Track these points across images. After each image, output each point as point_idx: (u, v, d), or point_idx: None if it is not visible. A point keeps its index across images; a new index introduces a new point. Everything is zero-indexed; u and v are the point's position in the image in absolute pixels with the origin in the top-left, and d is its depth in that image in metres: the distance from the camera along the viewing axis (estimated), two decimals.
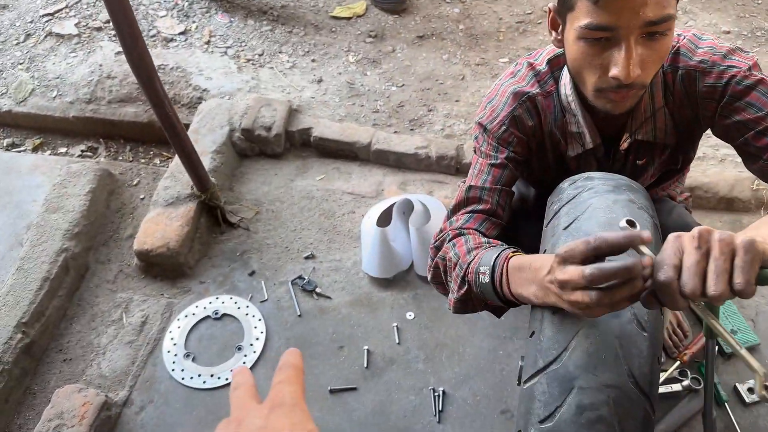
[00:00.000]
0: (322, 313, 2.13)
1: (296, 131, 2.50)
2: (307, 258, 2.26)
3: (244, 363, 2.02)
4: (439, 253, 1.33)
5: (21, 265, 2.17)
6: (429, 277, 1.41)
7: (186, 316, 2.13)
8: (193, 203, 2.26)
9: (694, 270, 0.79)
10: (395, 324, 2.08)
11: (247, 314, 2.13)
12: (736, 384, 1.91)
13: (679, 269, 0.81)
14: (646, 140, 1.34)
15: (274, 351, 2.05)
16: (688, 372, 1.94)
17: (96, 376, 2.02)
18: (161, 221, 2.23)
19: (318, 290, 2.17)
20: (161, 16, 2.97)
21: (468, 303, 1.24)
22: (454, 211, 1.38)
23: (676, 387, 1.91)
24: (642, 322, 1.01)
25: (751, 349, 2.01)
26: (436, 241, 1.37)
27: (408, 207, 2.28)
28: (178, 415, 1.92)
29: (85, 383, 1.99)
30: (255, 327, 2.09)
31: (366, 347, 2.03)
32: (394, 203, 2.28)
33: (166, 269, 2.23)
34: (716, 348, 1.52)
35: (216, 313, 2.13)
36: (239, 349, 2.05)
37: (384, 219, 2.28)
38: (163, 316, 2.14)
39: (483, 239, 1.25)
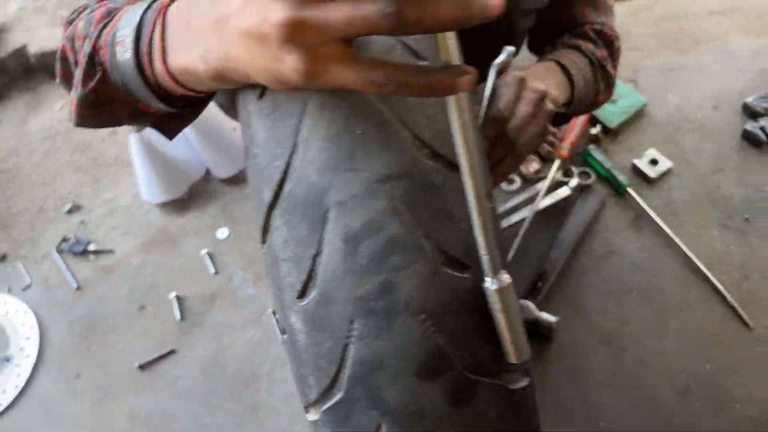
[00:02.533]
0: (107, 273, 1.57)
1: (8, 56, 1.84)
2: (69, 212, 1.67)
3: (19, 376, 1.45)
4: (68, 30, 0.72)
5: None
6: (57, 78, 0.78)
7: None
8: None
9: None
10: (205, 251, 1.55)
11: (7, 312, 1.54)
12: (634, 161, 1.49)
13: None
14: None
15: (55, 346, 1.49)
16: (573, 169, 1.49)
17: None
18: None
19: (93, 247, 1.60)
20: None
21: (101, 107, 0.66)
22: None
23: (564, 191, 1.47)
24: (417, 51, 0.50)
25: (640, 113, 1.58)
26: (69, 17, 0.76)
27: None
28: None
29: None
30: (22, 324, 1.52)
31: (174, 294, 1.50)
32: None
33: None
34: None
35: None
36: (8, 360, 1.48)
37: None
38: None
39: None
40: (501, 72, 0.80)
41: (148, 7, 0.57)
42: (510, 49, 0.81)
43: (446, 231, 0.48)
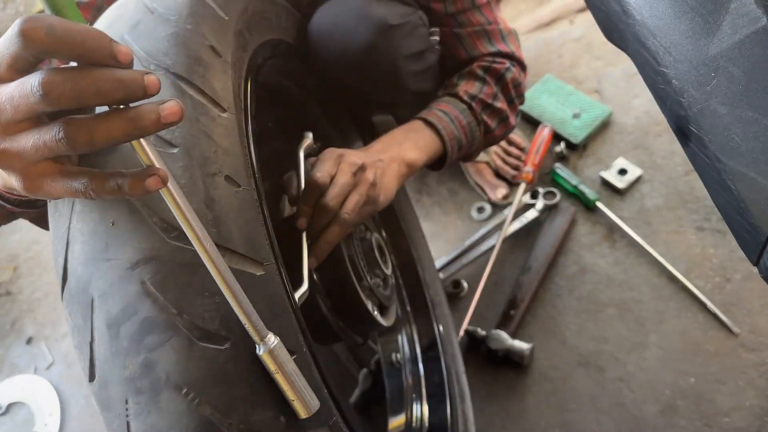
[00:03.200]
0: None
1: None
2: None
3: None
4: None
5: None
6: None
7: None
8: None
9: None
10: None
11: (33, 392, 1.67)
12: (601, 173, 1.46)
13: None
14: None
15: (75, 420, 1.60)
16: (539, 190, 1.48)
17: None
18: None
19: None
20: None
21: None
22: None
23: (532, 214, 1.45)
24: (163, 138, 0.55)
25: (606, 124, 1.55)
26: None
27: None
28: None
29: None
30: (46, 401, 1.64)
31: None
32: None
33: None
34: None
35: (0, 408, 1.68)
36: None
37: None
38: None
39: None
40: (309, 155, 0.86)
41: None
42: (308, 134, 0.89)
43: (198, 306, 0.50)
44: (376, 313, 0.93)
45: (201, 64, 0.60)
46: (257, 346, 0.50)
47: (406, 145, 0.95)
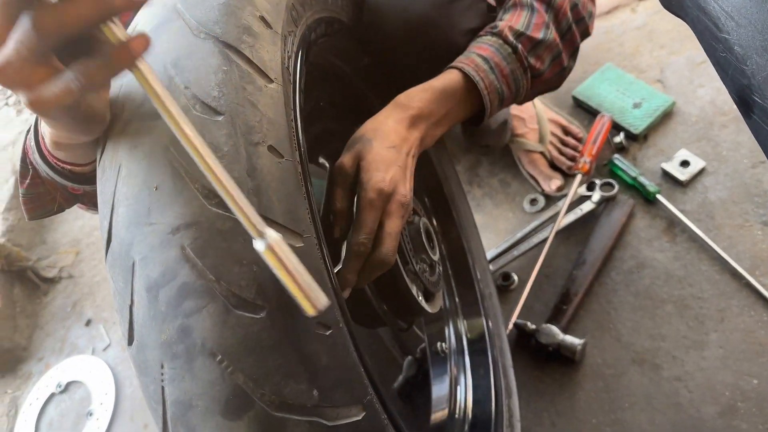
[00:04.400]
0: None
1: None
2: None
3: (99, 429, 1.61)
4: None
5: None
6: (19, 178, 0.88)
7: (30, 405, 1.75)
8: None
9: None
10: None
11: (90, 371, 1.73)
12: (663, 165, 1.39)
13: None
14: None
15: (128, 400, 1.64)
16: (596, 182, 1.43)
17: None
18: None
19: None
20: None
21: (43, 199, 0.87)
22: None
23: (587, 206, 1.41)
24: (207, 104, 0.55)
25: (668, 114, 1.48)
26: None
27: None
28: None
29: None
30: (102, 381, 1.69)
31: None
32: None
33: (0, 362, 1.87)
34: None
35: (60, 386, 1.73)
36: (90, 414, 1.65)
37: None
38: (9, 417, 1.77)
39: None
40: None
41: None
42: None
43: (236, 274, 0.50)
44: (420, 298, 0.91)
45: (250, 34, 0.60)
46: (254, 241, 0.48)
47: (438, 112, 0.86)
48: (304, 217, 0.56)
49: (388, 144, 0.77)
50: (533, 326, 1.29)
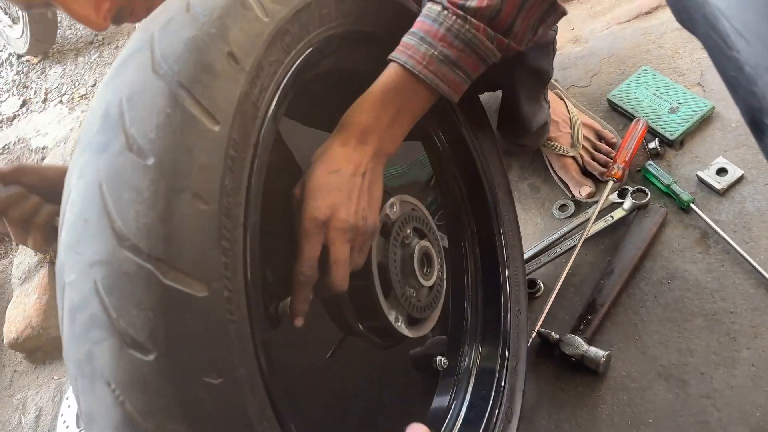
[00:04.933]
0: None
1: None
2: None
3: None
4: None
5: None
6: None
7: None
8: (44, 268, 1.97)
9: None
10: None
11: None
12: (698, 173, 1.35)
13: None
14: None
15: None
16: (628, 188, 1.39)
17: None
18: (20, 302, 1.96)
19: None
20: (3, 101, 2.76)
21: None
22: None
23: (618, 213, 1.37)
24: (141, 146, 0.57)
25: (707, 119, 1.43)
26: None
27: None
28: None
29: None
30: None
31: None
32: None
33: (47, 349, 1.95)
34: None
35: None
36: None
37: None
38: (54, 402, 1.86)
39: None
40: None
41: None
42: None
43: (133, 316, 0.53)
44: (400, 324, 0.90)
45: (209, 72, 0.61)
46: None
47: (386, 116, 0.79)
48: (215, 267, 0.58)
49: (330, 168, 0.76)
50: (557, 336, 1.27)
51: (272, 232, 0.78)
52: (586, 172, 1.46)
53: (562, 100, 1.50)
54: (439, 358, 1.10)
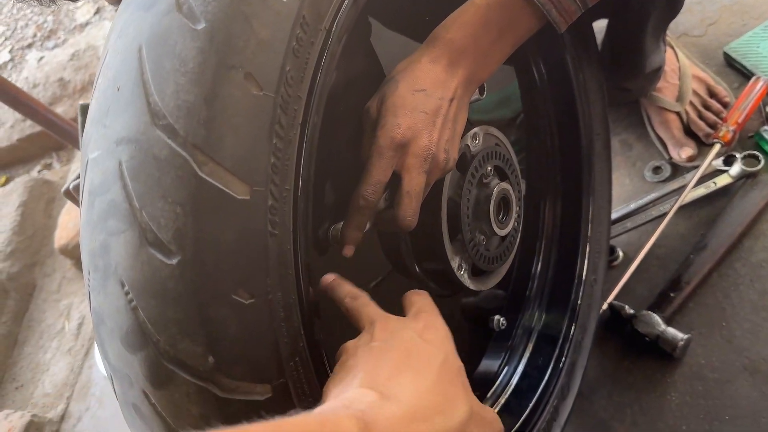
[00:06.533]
0: None
1: None
2: None
3: None
4: None
5: None
6: None
7: None
8: None
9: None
10: None
11: None
12: None
13: None
14: None
15: None
16: (736, 155, 1.21)
17: (41, 396, 1.78)
18: (74, 209, 1.95)
19: None
20: (78, 7, 2.74)
21: None
22: None
23: (723, 180, 1.20)
24: (192, 7, 0.47)
25: None
26: None
27: None
28: (112, 417, 1.61)
29: (32, 406, 1.76)
30: None
31: None
32: None
33: None
34: None
35: None
36: None
37: None
38: None
39: None
40: None
41: None
42: None
43: (158, 209, 0.45)
44: (462, 272, 0.79)
45: None
46: None
47: (486, 39, 0.68)
48: (261, 167, 0.49)
49: (416, 87, 0.65)
50: (631, 311, 1.13)
51: (334, 142, 0.68)
52: (689, 132, 1.28)
53: (672, 48, 1.32)
54: (497, 317, 0.99)
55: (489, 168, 0.81)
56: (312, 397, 0.54)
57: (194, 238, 0.46)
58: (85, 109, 0.84)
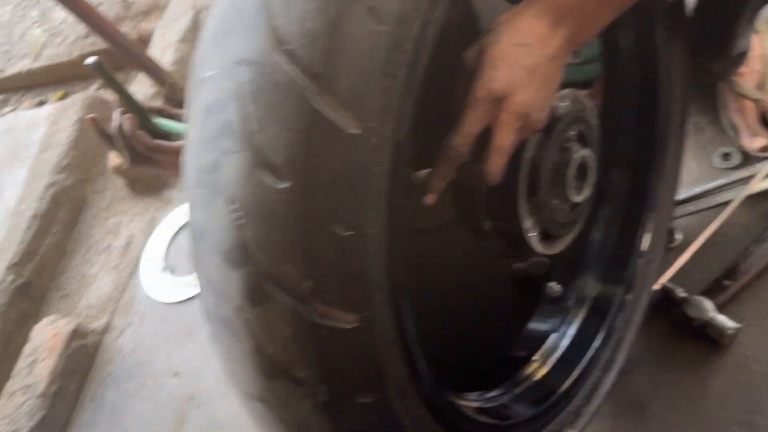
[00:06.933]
0: None
1: None
2: None
3: None
4: None
5: (15, 209, 2.06)
6: None
7: (165, 228, 1.86)
8: (159, 100, 1.97)
9: None
10: None
11: None
12: None
13: None
14: None
15: None
16: None
17: (85, 307, 1.84)
18: None
19: None
20: None
21: None
22: None
23: None
24: None
25: None
26: None
27: None
28: (152, 335, 1.66)
29: (76, 315, 1.83)
30: None
31: None
32: None
33: (147, 181, 1.98)
34: None
35: None
36: None
37: None
38: (145, 234, 1.89)
39: None
40: None
41: None
42: None
43: (274, 133, 0.46)
44: (532, 234, 0.79)
45: None
46: None
47: (589, 2, 0.66)
48: (373, 104, 0.49)
49: (518, 40, 0.63)
50: (683, 294, 1.12)
51: (427, 89, 0.68)
52: (765, 122, 1.25)
53: (758, 34, 1.28)
54: (552, 284, 0.99)
55: (573, 133, 0.80)
56: (393, 334, 0.55)
57: (305, 165, 0.47)
58: (98, 65, 0.86)
